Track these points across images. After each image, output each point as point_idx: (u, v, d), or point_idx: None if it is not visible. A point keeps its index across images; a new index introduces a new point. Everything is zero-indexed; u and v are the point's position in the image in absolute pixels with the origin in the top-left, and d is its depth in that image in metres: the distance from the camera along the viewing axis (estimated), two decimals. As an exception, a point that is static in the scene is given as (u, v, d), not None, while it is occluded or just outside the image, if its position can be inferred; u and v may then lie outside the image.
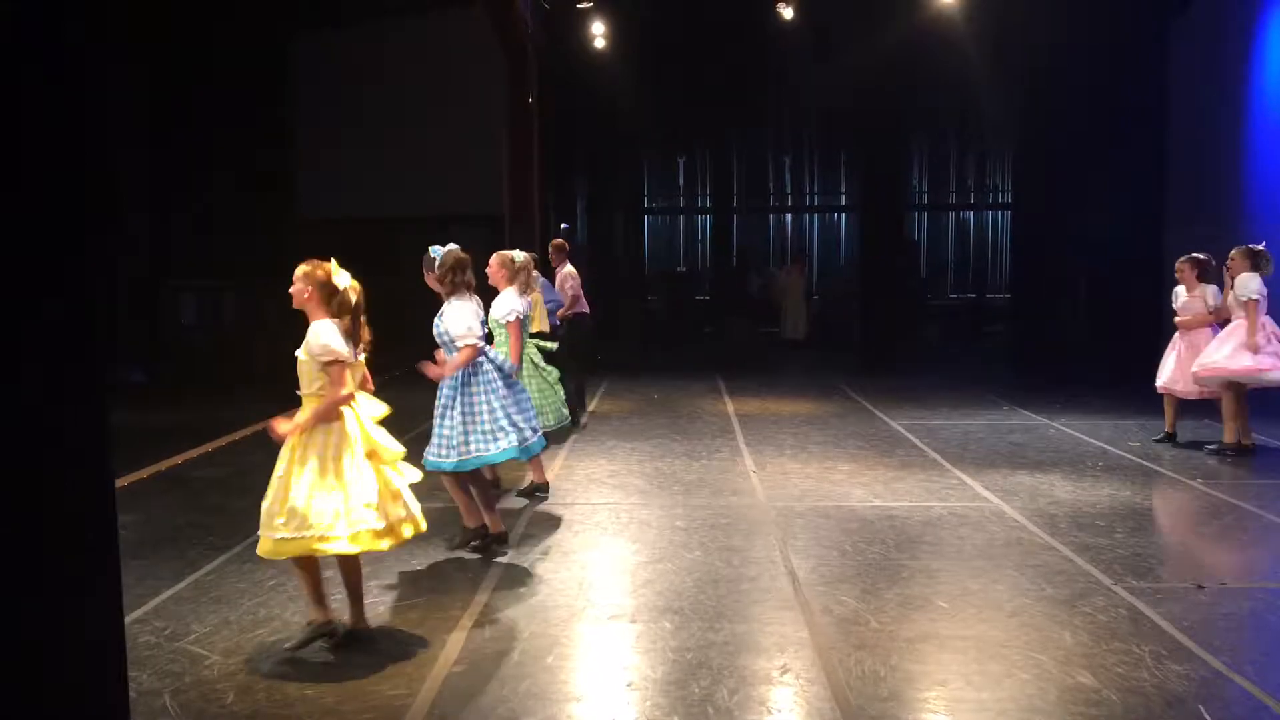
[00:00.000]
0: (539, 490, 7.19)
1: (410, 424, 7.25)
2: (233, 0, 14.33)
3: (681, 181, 25.73)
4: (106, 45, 12.33)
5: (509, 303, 6.58)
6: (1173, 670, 4.14)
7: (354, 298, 4.46)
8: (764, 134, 24.35)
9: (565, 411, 7.63)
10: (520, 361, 6.55)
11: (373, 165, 16.00)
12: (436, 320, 5.69)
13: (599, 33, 15.72)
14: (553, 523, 6.55)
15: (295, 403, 4.48)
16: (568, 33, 16.18)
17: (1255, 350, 8.00)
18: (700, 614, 4.83)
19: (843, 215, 25.43)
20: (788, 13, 15.35)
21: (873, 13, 15.83)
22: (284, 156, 16.54)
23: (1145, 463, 8.22)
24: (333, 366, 4.29)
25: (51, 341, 2.03)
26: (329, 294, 4.40)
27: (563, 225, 18.41)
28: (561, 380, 7.73)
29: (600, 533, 6.34)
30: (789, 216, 25.74)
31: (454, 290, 5.65)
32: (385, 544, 4.44)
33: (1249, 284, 8.08)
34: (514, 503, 7.05)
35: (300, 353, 4.36)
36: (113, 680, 2.26)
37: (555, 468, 8.20)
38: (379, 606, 4.99)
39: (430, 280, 5.87)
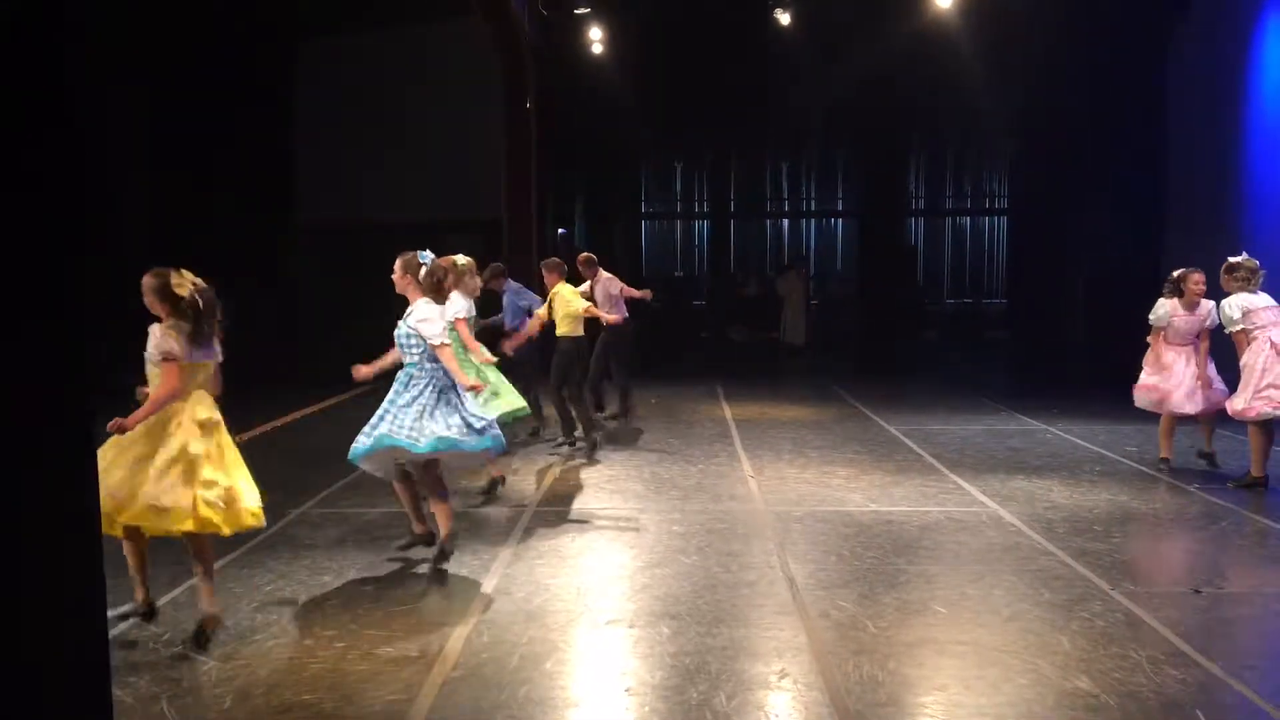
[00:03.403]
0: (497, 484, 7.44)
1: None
2: (233, 7, 14.33)
3: (679, 187, 25.76)
4: (105, 49, 12.32)
5: (453, 305, 6.81)
6: (1170, 675, 4.14)
7: (199, 299, 4.62)
8: (761, 139, 24.36)
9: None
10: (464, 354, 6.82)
11: (371, 171, 16.01)
12: (402, 321, 5.63)
13: (596, 39, 15.74)
14: (550, 528, 6.55)
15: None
16: (565, 39, 16.21)
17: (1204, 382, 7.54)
18: (698, 619, 4.82)
19: (840, 221, 25.48)
20: (785, 18, 15.39)
21: (871, 18, 15.87)
22: (283, 162, 16.54)
23: (1142, 468, 8.23)
24: (165, 364, 4.49)
25: (37, 352, 2.03)
26: (171, 299, 4.57)
27: (560, 231, 18.44)
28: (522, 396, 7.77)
29: (598, 538, 6.34)
30: (786, 222, 25.77)
31: (429, 292, 5.65)
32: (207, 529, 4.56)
33: (1230, 311, 7.37)
34: (509, 510, 7.05)
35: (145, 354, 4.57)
36: (97, 697, 2.25)
37: (553, 473, 8.21)
38: (376, 612, 4.99)
39: (400, 280, 5.74)
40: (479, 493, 7.41)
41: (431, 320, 5.55)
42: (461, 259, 7.22)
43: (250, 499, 4.68)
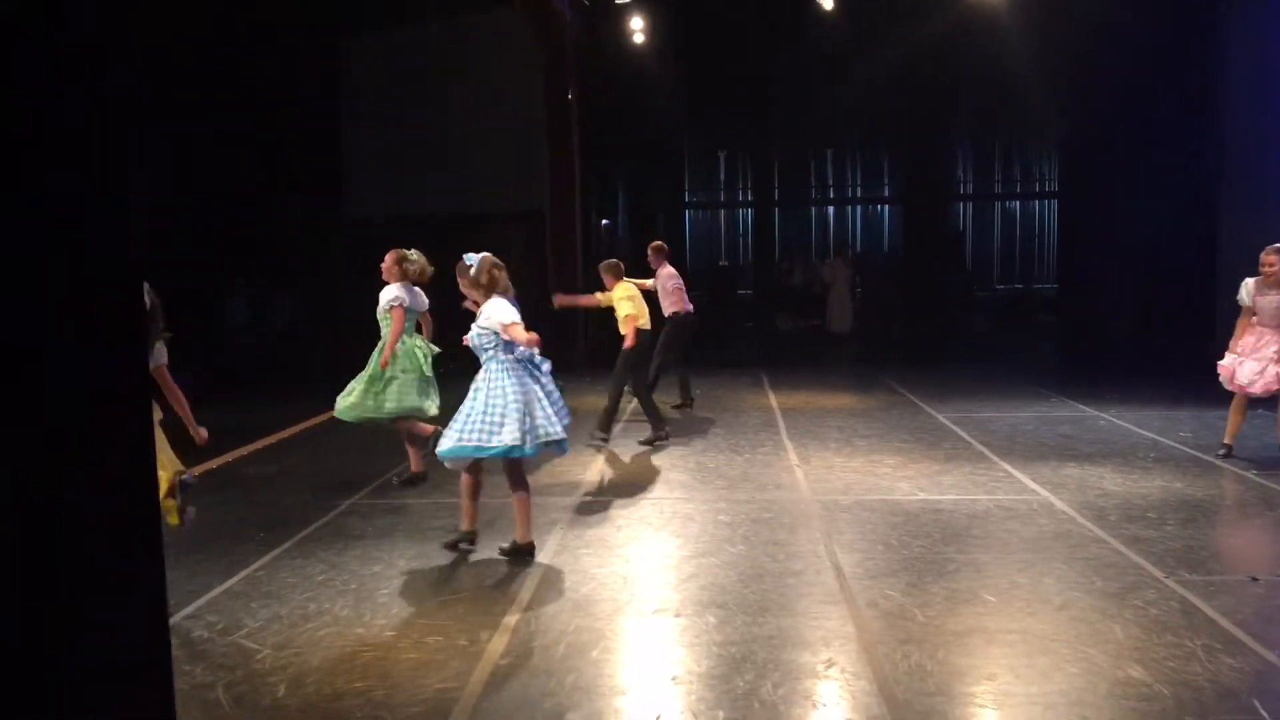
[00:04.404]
0: (417, 480, 7.43)
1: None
2: (278, 5, 14.49)
3: (722, 175, 25.69)
4: (148, 49, 12.52)
5: (391, 292, 7.16)
6: (1226, 664, 4.07)
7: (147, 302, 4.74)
8: (805, 126, 24.20)
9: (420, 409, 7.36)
10: (394, 346, 7.08)
11: (415, 165, 16.12)
12: (473, 325, 5.67)
13: (638, 28, 15.72)
14: (596, 518, 6.58)
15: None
16: (607, 29, 16.21)
17: None
18: (744, 608, 4.82)
19: (886, 207, 25.24)
20: (828, 3, 15.25)
21: (915, 1, 15.69)
22: (329, 157, 16.72)
23: (1198, 454, 8.07)
24: None
25: (94, 340, 2.07)
26: None
27: (604, 222, 18.47)
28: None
29: (644, 527, 6.36)
30: (831, 209, 25.60)
31: (490, 292, 5.67)
32: None
33: None
34: (556, 500, 7.08)
35: None
36: (160, 684, 2.30)
37: (599, 463, 8.24)
38: (425, 602, 5.05)
39: (464, 287, 5.86)
40: (401, 482, 7.48)
41: (494, 314, 5.54)
42: (414, 253, 7.37)
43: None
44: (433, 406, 7.37)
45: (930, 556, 5.59)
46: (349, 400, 7.21)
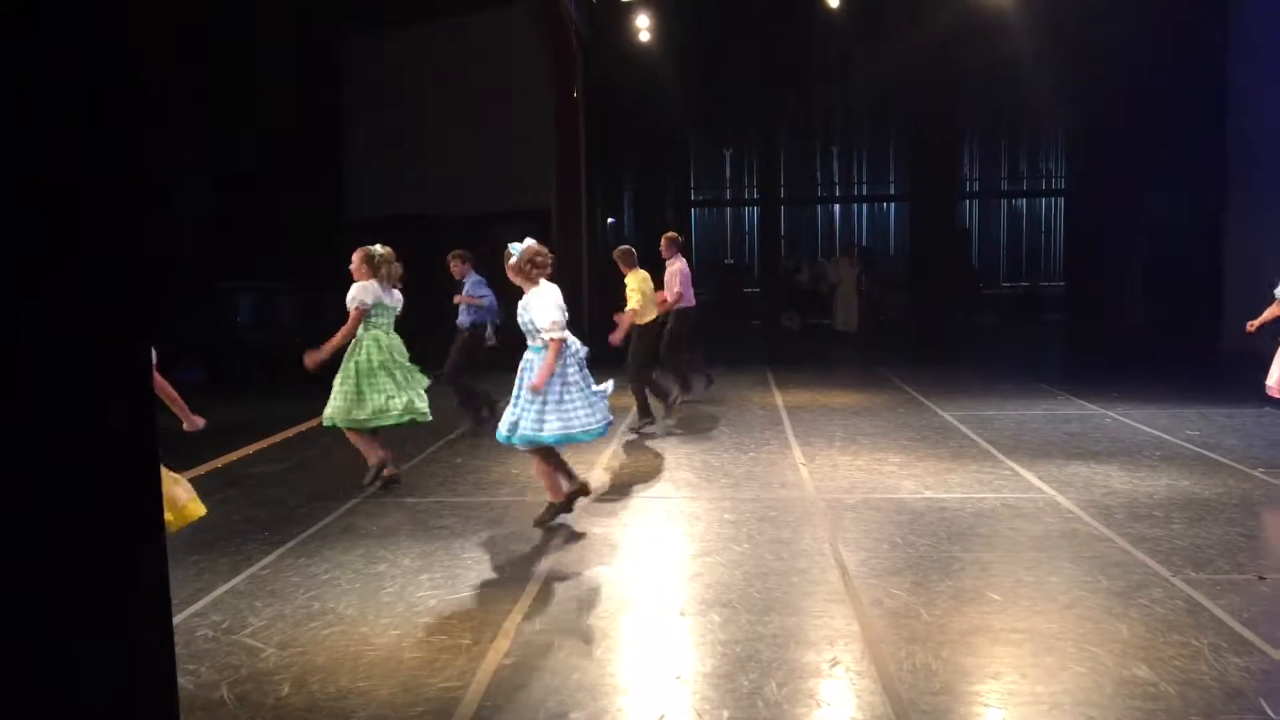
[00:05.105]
0: (385, 478, 7.31)
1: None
2: (281, 4, 14.50)
3: (728, 173, 25.66)
4: (157, 49, 12.54)
5: (352, 291, 7.18)
6: (1232, 663, 4.05)
7: None
8: (811, 123, 24.17)
9: (412, 408, 7.30)
10: (339, 343, 7.11)
11: (420, 164, 16.14)
12: (520, 309, 6.06)
13: (644, 26, 15.71)
14: (601, 516, 6.57)
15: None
16: (612, 26, 16.21)
17: None
18: (749, 607, 4.81)
19: (892, 205, 25.19)
20: (833, 0, 15.23)
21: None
22: (333, 157, 16.74)
23: (1204, 452, 8.04)
24: None
25: (100, 335, 2.07)
26: None
27: (609, 220, 18.46)
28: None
29: (648, 526, 6.35)
30: (837, 207, 25.55)
31: (533, 280, 6.08)
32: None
33: None
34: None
35: None
36: (162, 682, 2.30)
37: (604, 459, 8.24)
38: (430, 600, 5.05)
39: (511, 274, 6.19)
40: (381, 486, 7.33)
41: (536, 310, 5.99)
42: (379, 248, 7.27)
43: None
44: (417, 402, 7.31)
45: (935, 555, 5.57)
46: (332, 405, 7.14)
